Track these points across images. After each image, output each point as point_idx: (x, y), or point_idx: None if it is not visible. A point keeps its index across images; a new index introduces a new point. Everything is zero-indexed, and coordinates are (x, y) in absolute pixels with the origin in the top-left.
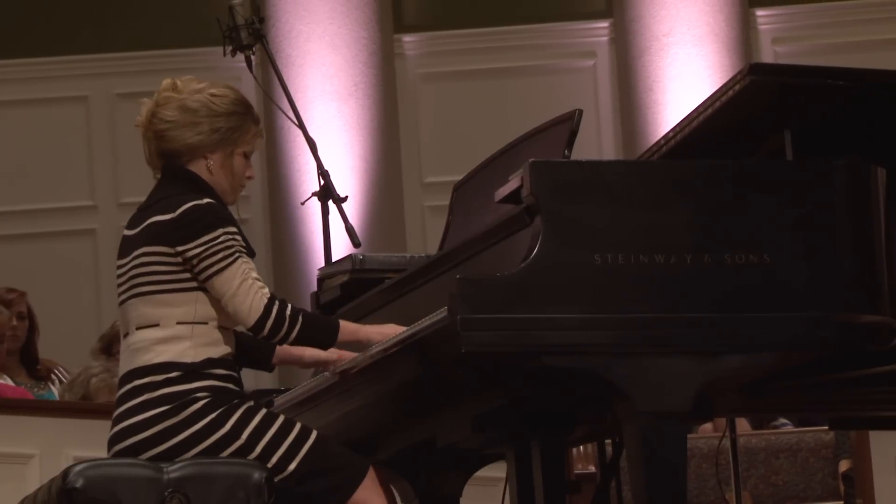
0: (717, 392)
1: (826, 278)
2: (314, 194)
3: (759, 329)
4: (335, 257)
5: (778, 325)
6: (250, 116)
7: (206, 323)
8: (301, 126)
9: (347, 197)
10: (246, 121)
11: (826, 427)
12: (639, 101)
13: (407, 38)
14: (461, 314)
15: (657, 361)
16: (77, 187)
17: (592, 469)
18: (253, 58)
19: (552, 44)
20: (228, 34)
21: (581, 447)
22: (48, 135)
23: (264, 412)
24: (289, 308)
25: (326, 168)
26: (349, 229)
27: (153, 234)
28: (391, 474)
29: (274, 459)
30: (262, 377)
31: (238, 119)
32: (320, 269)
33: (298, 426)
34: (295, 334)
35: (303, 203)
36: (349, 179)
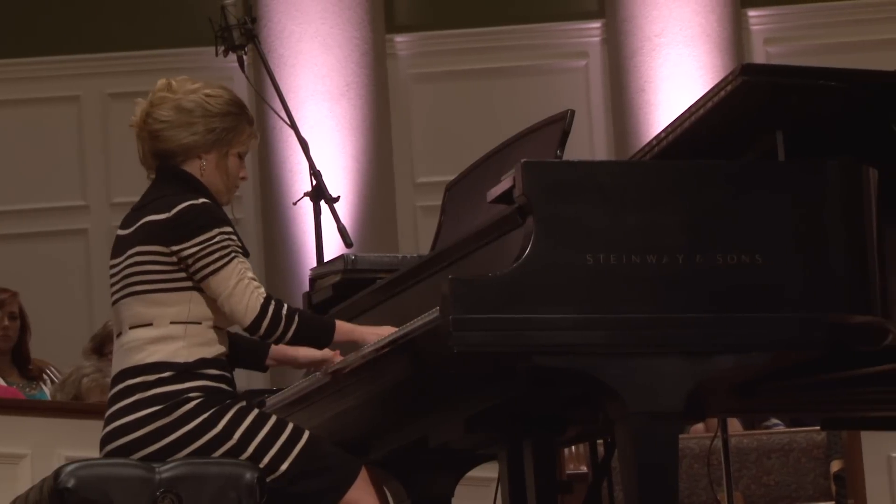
0: (709, 392)
1: (818, 278)
2: (306, 194)
3: (751, 329)
4: (327, 257)
5: (770, 326)
6: (245, 117)
7: (200, 323)
8: (293, 126)
9: (339, 197)
10: (241, 121)
11: (818, 427)
12: (631, 102)
13: (399, 39)
14: (453, 314)
15: (649, 362)
16: (69, 187)
17: (584, 469)
18: (245, 58)
19: (544, 44)
20: (220, 34)
21: (573, 447)
22: (40, 135)
23: (256, 412)
24: (285, 308)
25: (318, 168)
26: (341, 229)
27: (148, 234)
28: (383, 474)
29: (266, 460)
30: (254, 377)
31: (233, 119)
32: (312, 269)
33: (290, 426)
34: (291, 334)
35: (295, 203)
36: (341, 179)
